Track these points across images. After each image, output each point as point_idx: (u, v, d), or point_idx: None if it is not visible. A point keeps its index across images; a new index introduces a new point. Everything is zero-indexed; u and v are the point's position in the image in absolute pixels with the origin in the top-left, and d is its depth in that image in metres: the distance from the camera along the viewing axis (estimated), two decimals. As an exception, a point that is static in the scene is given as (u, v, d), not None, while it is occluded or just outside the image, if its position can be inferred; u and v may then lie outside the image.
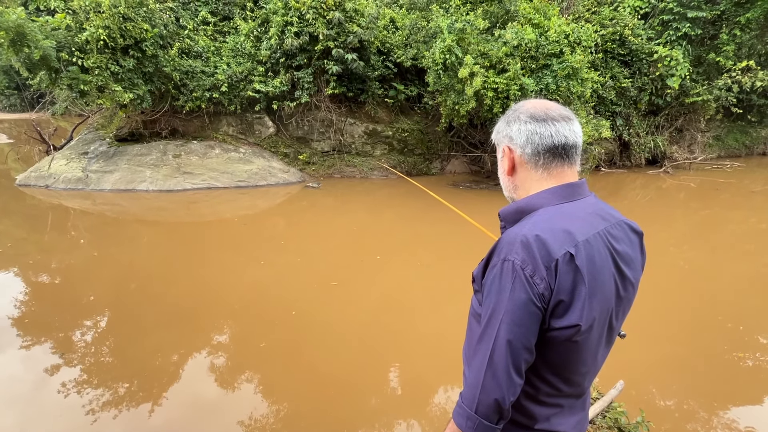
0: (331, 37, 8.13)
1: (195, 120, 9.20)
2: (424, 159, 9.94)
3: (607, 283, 0.85)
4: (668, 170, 10.31)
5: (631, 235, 0.94)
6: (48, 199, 7.60)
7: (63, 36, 7.09)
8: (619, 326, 0.94)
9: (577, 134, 0.91)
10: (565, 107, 0.94)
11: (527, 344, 0.81)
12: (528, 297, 0.79)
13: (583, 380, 0.92)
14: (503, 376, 0.80)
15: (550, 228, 0.82)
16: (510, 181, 0.98)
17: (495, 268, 0.84)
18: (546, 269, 0.78)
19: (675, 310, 3.98)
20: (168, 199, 7.69)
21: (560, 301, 0.80)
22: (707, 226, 6.89)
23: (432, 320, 3.78)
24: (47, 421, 2.55)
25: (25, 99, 24.53)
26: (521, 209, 0.91)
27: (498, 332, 0.81)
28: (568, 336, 0.82)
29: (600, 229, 0.87)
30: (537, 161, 0.91)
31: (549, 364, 0.87)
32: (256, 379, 2.97)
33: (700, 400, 2.80)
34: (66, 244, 5.56)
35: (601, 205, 0.94)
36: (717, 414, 2.67)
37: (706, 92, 10.01)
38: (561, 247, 0.79)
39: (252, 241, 5.81)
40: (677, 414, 2.68)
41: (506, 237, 0.85)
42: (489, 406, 0.81)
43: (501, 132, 0.97)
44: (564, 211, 0.87)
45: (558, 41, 7.29)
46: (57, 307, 3.89)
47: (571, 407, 0.94)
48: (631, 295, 0.93)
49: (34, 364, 3.05)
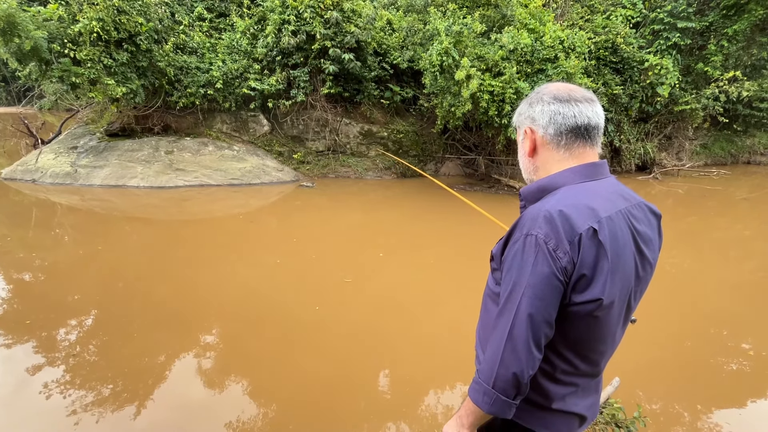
0: (329, 37, 8.12)
1: (188, 116, 9.09)
2: (419, 161, 9.97)
3: (628, 261, 0.85)
4: (657, 176, 10.51)
5: (650, 216, 0.94)
6: (34, 194, 7.42)
7: (55, 27, 6.95)
8: (635, 306, 0.95)
9: (600, 116, 0.91)
10: (589, 90, 0.95)
11: (548, 318, 0.80)
12: (551, 270, 0.79)
13: (601, 359, 0.92)
14: (523, 350, 0.80)
15: (573, 204, 0.82)
16: (531, 163, 0.98)
17: (517, 243, 0.84)
18: (569, 243, 0.78)
19: (661, 314, 4.05)
20: (159, 196, 7.58)
21: (582, 276, 0.80)
22: (694, 232, 7.03)
23: (425, 321, 3.75)
24: (28, 423, 2.46)
25: (12, 92, 23.98)
26: (543, 187, 0.91)
27: (519, 306, 0.80)
28: (589, 311, 0.82)
29: (622, 208, 0.87)
30: (559, 141, 0.91)
31: (568, 340, 0.86)
32: (244, 380, 2.90)
33: (684, 403, 2.85)
34: (51, 241, 5.41)
35: (622, 186, 0.95)
36: (700, 418, 2.73)
37: (694, 101, 10.25)
38: (585, 222, 0.80)
39: (244, 240, 5.75)
40: (662, 418, 2.73)
41: (529, 212, 0.85)
42: (507, 381, 0.81)
43: (523, 114, 0.98)
44: (587, 188, 0.87)
45: (553, 46, 7.39)
46: (40, 305, 3.75)
47: (585, 388, 0.94)
48: (649, 276, 0.94)
49: (15, 365, 2.95)
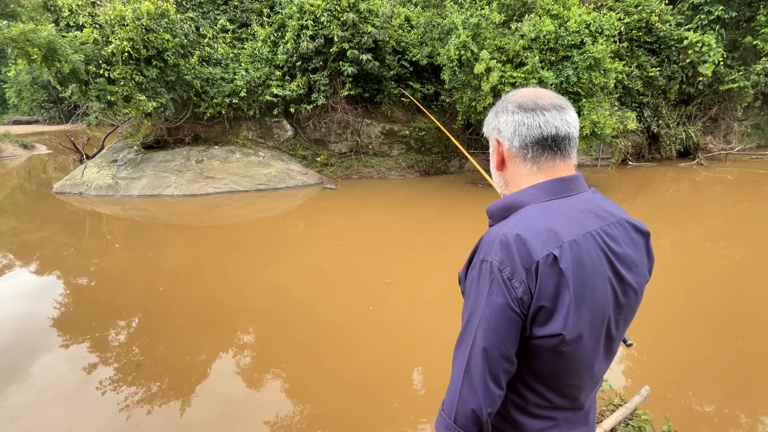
0: (346, 39, 8.15)
1: (216, 126, 9.44)
2: (442, 158, 9.82)
3: (599, 288, 0.76)
4: (702, 162, 9.78)
5: (634, 235, 0.85)
6: (82, 206, 7.97)
7: (91, 50, 7.42)
8: (620, 335, 0.86)
9: (571, 124, 0.83)
10: (559, 95, 0.86)
11: (505, 353, 0.74)
12: (506, 301, 0.73)
13: (578, 393, 0.84)
14: (480, 386, 0.74)
15: (533, 227, 0.75)
16: (501, 177, 0.92)
17: (474, 269, 0.78)
18: (526, 272, 0.72)
19: (711, 309, 3.75)
20: (192, 203, 7.92)
21: (542, 307, 0.73)
22: (746, 220, 6.47)
23: (455, 322, 3.71)
24: (88, 417, 2.68)
25: (62, 111, 25.89)
26: (508, 206, 0.85)
27: (475, 338, 0.75)
28: (552, 345, 0.74)
29: (593, 229, 0.79)
30: (525, 154, 0.84)
31: (536, 374, 0.80)
32: (278, 380, 3.02)
33: (737, 405, 2.62)
34: (101, 249, 5.80)
35: (599, 201, 0.85)
36: (760, 420, 2.49)
37: (742, 78, 9.42)
38: (543, 248, 0.73)
39: (271, 243, 5.89)
40: (710, 422, 2.52)
41: (487, 236, 0.79)
42: (467, 417, 0.76)
43: (490, 124, 0.91)
44: (552, 208, 0.79)
45: (578, 31, 7.03)
46: (94, 308, 4.08)
47: (568, 421, 0.86)
48: (634, 302, 0.84)
49: (74, 364, 3.21)
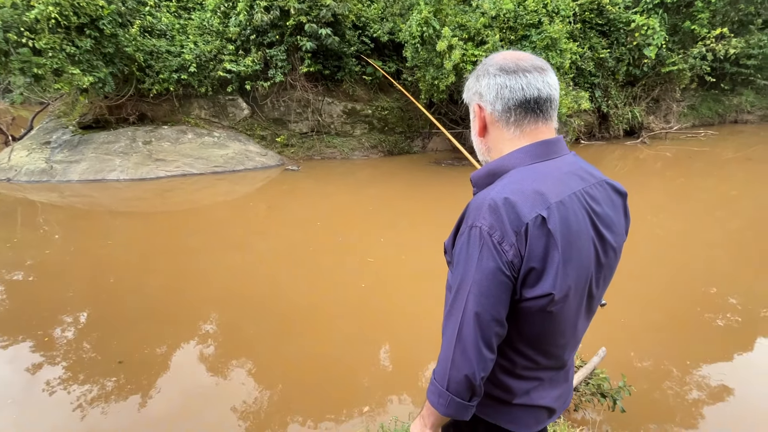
0: (303, 11, 7.75)
1: (164, 104, 8.74)
2: (405, 137, 9.78)
3: (584, 248, 0.78)
4: (645, 141, 10.46)
5: (613, 195, 0.87)
6: (11, 193, 7.17)
7: (9, 15, 6.51)
8: (600, 294, 0.89)
9: (552, 86, 0.82)
10: (539, 57, 0.85)
11: (497, 316, 0.74)
12: (496, 265, 0.72)
13: (563, 352, 0.87)
14: (473, 351, 0.74)
15: (520, 189, 0.75)
16: (482, 143, 0.90)
17: (463, 235, 0.77)
18: (515, 234, 0.72)
19: (652, 276, 4.09)
20: (141, 188, 7.38)
21: (532, 269, 0.73)
22: (682, 194, 7.07)
23: (420, 299, 3.79)
24: (38, 419, 2.51)
25: (-21, 87, 22.92)
26: (492, 171, 0.83)
27: (466, 304, 0.74)
28: (542, 306, 0.75)
29: (577, 190, 0.80)
30: (508, 118, 0.83)
31: (524, 337, 0.81)
32: (245, 365, 2.95)
33: (675, 360, 2.92)
34: (37, 241, 5.27)
35: (581, 164, 0.86)
36: (690, 372, 2.80)
37: (681, 61, 10.08)
38: (532, 210, 0.73)
39: (232, 228, 5.65)
40: (654, 375, 2.79)
41: (474, 202, 0.78)
42: (460, 383, 0.76)
43: (471, 89, 0.88)
44: (537, 170, 0.79)
45: (536, 11, 7.14)
46: (35, 305, 3.75)
47: (551, 380, 0.89)
48: (613, 261, 0.87)
49: (16, 365, 2.96)
